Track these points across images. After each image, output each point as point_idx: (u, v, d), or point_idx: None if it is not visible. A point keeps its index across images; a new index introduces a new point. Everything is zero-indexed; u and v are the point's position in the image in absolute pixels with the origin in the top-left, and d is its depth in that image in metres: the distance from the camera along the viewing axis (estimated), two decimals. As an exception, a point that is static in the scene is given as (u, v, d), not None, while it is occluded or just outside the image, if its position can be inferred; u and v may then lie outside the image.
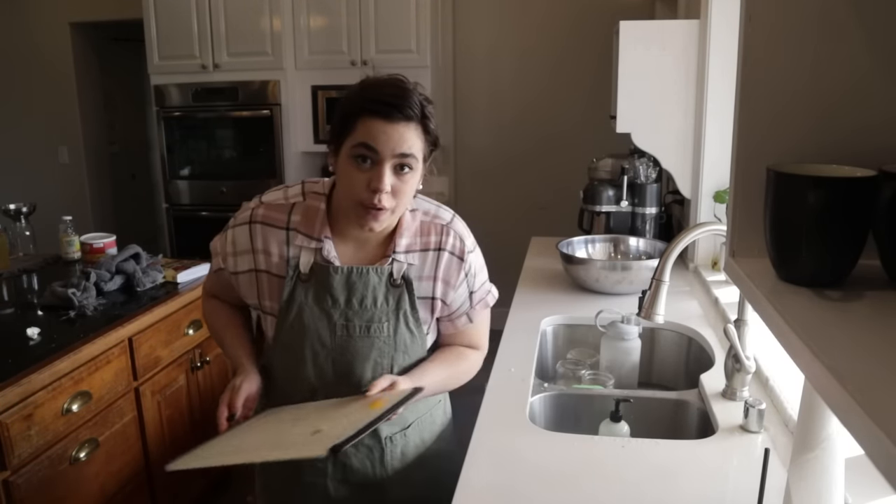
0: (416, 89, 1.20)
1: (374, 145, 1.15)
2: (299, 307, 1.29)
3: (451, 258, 1.31)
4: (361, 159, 1.17)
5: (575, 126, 4.25)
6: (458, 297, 1.35)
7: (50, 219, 3.15)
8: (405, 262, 1.29)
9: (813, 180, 0.72)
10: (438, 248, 1.30)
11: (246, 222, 1.31)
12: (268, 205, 1.31)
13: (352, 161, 1.17)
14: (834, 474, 0.92)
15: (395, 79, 1.20)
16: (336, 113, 1.22)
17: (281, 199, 1.31)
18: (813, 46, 0.80)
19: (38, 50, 4.88)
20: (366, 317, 1.28)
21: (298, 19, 3.93)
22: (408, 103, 1.16)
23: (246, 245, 1.30)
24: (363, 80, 1.21)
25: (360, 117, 1.16)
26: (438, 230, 1.31)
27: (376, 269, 1.28)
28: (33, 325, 2.00)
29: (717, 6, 2.29)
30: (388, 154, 1.16)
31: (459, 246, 1.32)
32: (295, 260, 1.28)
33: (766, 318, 0.72)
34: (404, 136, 1.16)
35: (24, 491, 1.73)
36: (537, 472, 1.29)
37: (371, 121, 1.15)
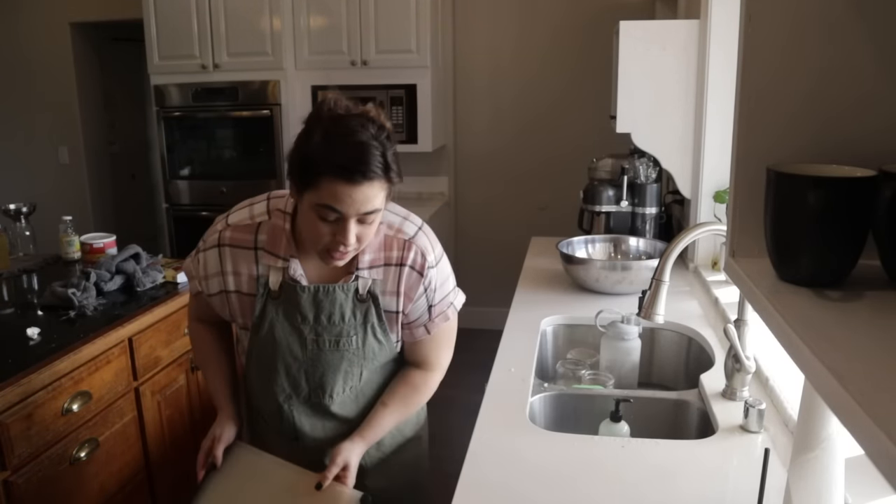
0: (378, 138, 1.17)
1: (338, 208, 1.16)
2: (271, 323, 1.34)
3: (412, 272, 1.32)
4: (324, 217, 1.18)
5: (575, 126, 4.25)
6: (416, 308, 1.36)
7: (50, 219, 3.15)
8: (369, 277, 1.31)
9: (813, 180, 0.72)
10: (400, 263, 1.32)
11: (215, 245, 1.33)
12: (234, 226, 1.32)
13: (315, 213, 1.18)
14: (834, 474, 0.92)
15: (355, 136, 1.15)
16: (295, 158, 1.19)
17: (247, 219, 1.32)
18: (813, 46, 0.80)
19: (38, 50, 4.88)
20: (335, 331, 1.33)
21: (298, 19, 3.93)
22: (370, 165, 1.14)
23: (216, 268, 1.33)
24: (325, 132, 1.16)
25: (323, 177, 1.14)
26: (401, 245, 1.32)
27: (342, 287, 1.30)
28: (33, 325, 2.00)
29: (717, 6, 2.29)
30: (353, 213, 1.17)
31: (420, 261, 1.32)
32: (264, 278, 1.31)
33: (766, 318, 0.72)
34: (368, 196, 1.16)
35: (24, 491, 1.73)
36: (537, 472, 1.29)
37: (334, 184, 1.14)
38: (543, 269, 2.58)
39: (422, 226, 1.37)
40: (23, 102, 4.99)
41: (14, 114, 5.02)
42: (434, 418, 1.68)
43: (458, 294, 1.44)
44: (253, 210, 1.33)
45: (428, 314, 1.37)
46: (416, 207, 4.10)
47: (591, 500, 1.21)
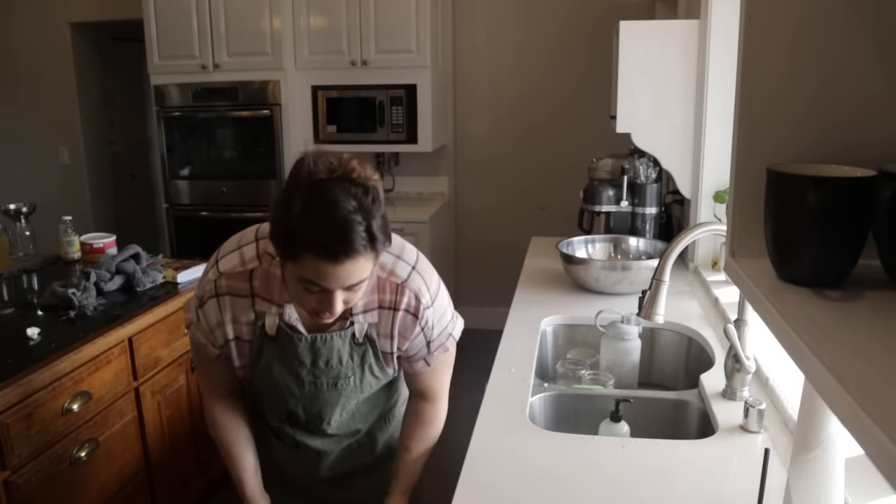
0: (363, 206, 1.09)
1: (321, 283, 1.12)
2: (268, 363, 1.32)
3: (406, 315, 1.29)
4: (308, 289, 1.14)
5: (575, 126, 4.25)
6: (414, 345, 1.34)
7: (50, 219, 3.15)
8: (365, 322, 1.29)
9: (813, 180, 0.72)
10: (393, 307, 1.28)
11: (212, 296, 1.27)
12: (228, 274, 1.26)
13: (300, 286, 1.15)
14: (834, 474, 0.92)
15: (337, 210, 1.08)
16: (275, 225, 1.13)
17: (238, 267, 1.26)
18: (813, 46, 0.80)
19: (38, 50, 4.88)
20: (332, 374, 1.32)
21: (298, 19, 3.93)
22: (353, 243, 1.08)
23: (217, 318, 1.28)
24: (304, 203, 1.09)
25: (304, 253, 1.09)
26: (393, 289, 1.28)
27: (339, 334, 1.29)
28: (33, 325, 2.00)
29: (717, 6, 2.29)
30: (337, 287, 1.13)
31: (414, 305, 1.29)
32: (261, 321, 1.28)
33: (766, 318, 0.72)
34: (352, 272, 1.11)
35: (25, 491, 1.73)
36: (537, 472, 1.29)
37: (316, 262, 1.09)
38: (543, 269, 2.58)
39: (416, 263, 1.32)
40: (23, 103, 4.98)
41: (14, 114, 5.02)
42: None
43: (456, 323, 1.41)
44: (244, 255, 1.27)
45: (426, 349, 1.35)
46: (416, 207, 4.11)
47: (591, 500, 1.21)
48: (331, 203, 1.08)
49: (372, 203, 1.11)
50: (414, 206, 4.19)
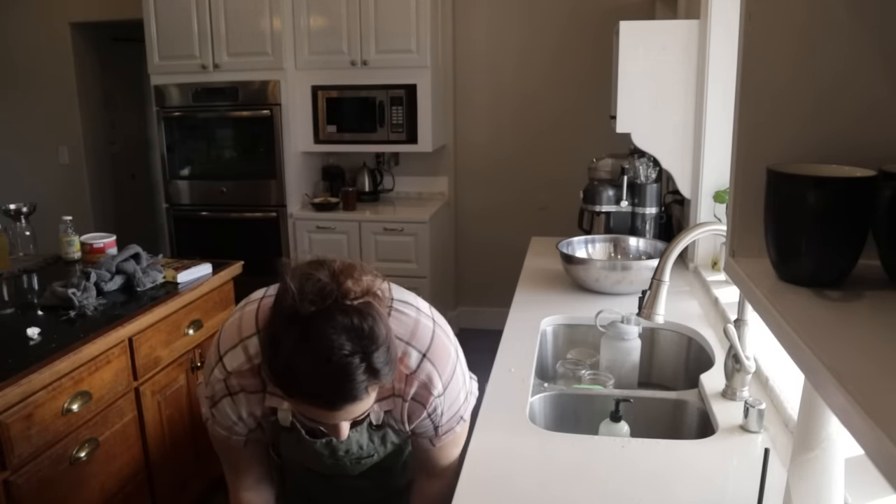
0: (360, 342, 0.99)
1: (322, 421, 1.08)
2: (289, 447, 1.35)
3: (414, 404, 1.23)
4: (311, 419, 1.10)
5: (575, 126, 4.25)
6: (421, 425, 1.27)
7: (50, 219, 3.15)
8: (381, 410, 1.24)
9: (813, 180, 0.72)
10: (401, 396, 1.22)
11: (225, 394, 1.20)
12: (237, 373, 1.18)
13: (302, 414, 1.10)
14: (834, 474, 0.92)
15: (331, 357, 0.97)
16: (269, 365, 1.05)
17: (246, 364, 1.17)
18: (813, 45, 0.80)
19: (38, 50, 4.88)
20: (353, 457, 1.34)
21: (298, 19, 3.93)
22: (353, 391, 1.00)
23: (236, 414, 1.22)
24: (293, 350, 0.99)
25: (299, 398, 1.03)
26: (402, 378, 1.20)
27: (356, 429, 1.27)
28: (33, 325, 2.00)
29: (717, 6, 2.29)
30: (339, 422, 1.08)
31: (423, 394, 1.21)
32: (274, 417, 1.25)
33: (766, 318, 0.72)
34: (353, 411, 1.05)
35: (24, 491, 1.73)
36: (537, 472, 1.29)
37: (313, 408, 1.04)
38: (543, 269, 2.58)
39: (428, 348, 1.21)
40: (23, 102, 4.98)
41: (14, 114, 5.02)
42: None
43: (470, 402, 1.33)
44: (248, 350, 1.17)
45: (434, 432, 1.29)
46: (416, 207, 4.12)
47: (590, 499, 1.21)
48: (324, 348, 0.97)
49: (371, 331, 1.00)
50: (414, 206, 4.19)
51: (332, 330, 0.97)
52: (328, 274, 1.01)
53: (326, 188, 4.38)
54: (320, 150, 4.23)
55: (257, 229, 4.06)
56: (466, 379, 1.32)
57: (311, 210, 4.08)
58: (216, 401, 1.21)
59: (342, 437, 1.11)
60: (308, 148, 4.13)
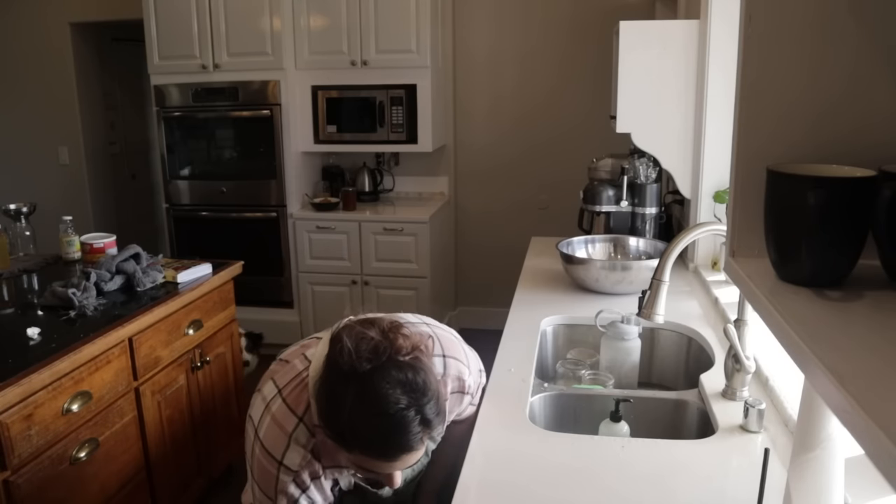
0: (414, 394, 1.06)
1: (379, 472, 1.13)
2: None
3: (454, 396, 1.37)
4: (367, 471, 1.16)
5: (575, 126, 4.25)
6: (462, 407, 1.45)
7: (50, 219, 3.15)
8: None
9: (813, 180, 0.72)
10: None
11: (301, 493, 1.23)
12: (301, 467, 1.22)
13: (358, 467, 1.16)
14: (834, 474, 0.92)
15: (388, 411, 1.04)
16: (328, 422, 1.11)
17: (305, 456, 1.22)
18: (813, 46, 0.80)
19: (38, 50, 4.88)
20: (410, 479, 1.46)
21: (298, 19, 3.93)
22: (409, 442, 1.07)
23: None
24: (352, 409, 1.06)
25: (359, 450, 1.09)
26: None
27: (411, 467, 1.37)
28: (33, 325, 2.00)
29: (717, 6, 2.29)
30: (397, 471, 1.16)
31: (458, 385, 1.37)
32: (337, 487, 1.30)
33: (766, 318, 0.72)
34: (409, 461, 1.12)
35: (25, 491, 1.73)
36: (537, 472, 1.29)
37: (372, 460, 1.10)
38: (543, 269, 2.58)
39: (443, 350, 1.35)
40: (23, 102, 4.98)
41: (14, 114, 5.02)
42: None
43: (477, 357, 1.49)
44: (300, 441, 1.22)
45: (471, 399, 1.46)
46: (416, 207, 4.12)
47: (590, 499, 1.21)
48: (382, 402, 1.04)
49: (423, 384, 1.08)
50: (414, 206, 4.19)
51: (387, 385, 1.04)
52: (379, 332, 1.09)
53: (326, 188, 4.38)
54: (320, 150, 4.24)
55: (257, 229, 4.06)
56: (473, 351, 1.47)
57: (311, 210, 4.08)
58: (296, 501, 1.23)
59: (396, 486, 1.18)
60: (308, 148, 4.13)
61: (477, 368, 1.47)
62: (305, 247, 4.03)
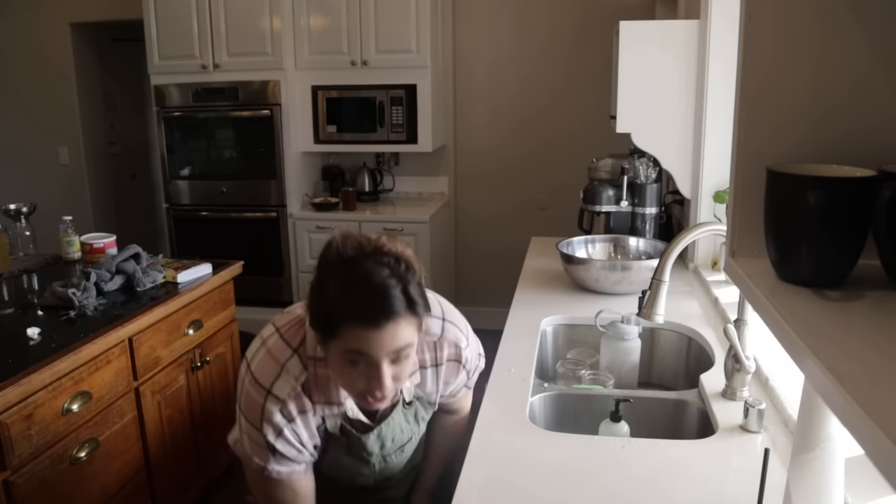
0: (397, 273, 1.11)
1: (365, 351, 1.12)
2: (335, 457, 1.37)
3: (450, 364, 1.37)
4: (354, 362, 1.14)
5: (575, 126, 4.25)
6: (456, 384, 1.43)
7: (50, 219, 3.15)
8: (412, 385, 1.36)
9: (813, 180, 0.72)
10: (436, 363, 1.35)
11: (286, 423, 1.24)
12: (287, 397, 1.23)
13: (345, 361, 1.15)
14: (834, 474, 0.92)
15: (371, 279, 1.10)
16: (313, 312, 1.16)
17: (296, 386, 1.24)
18: (813, 46, 0.80)
19: (38, 50, 4.88)
20: (397, 445, 1.41)
21: (298, 19, 3.93)
22: (391, 306, 1.09)
23: (297, 441, 1.27)
24: (338, 282, 1.11)
25: (345, 325, 1.11)
26: (432, 347, 1.34)
27: (397, 409, 1.36)
28: (33, 325, 2.00)
29: (717, 6, 2.29)
30: (382, 355, 1.12)
31: (455, 352, 1.37)
32: (322, 425, 1.31)
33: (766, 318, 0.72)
34: (395, 335, 1.11)
35: (25, 491, 1.73)
36: (537, 472, 1.29)
37: (357, 331, 1.10)
38: (543, 269, 2.58)
39: (443, 313, 1.36)
40: (23, 102, 4.99)
41: (14, 114, 5.02)
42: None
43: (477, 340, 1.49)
44: (291, 372, 1.24)
45: (466, 377, 1.45)
46: (416, 207, 4.12)
47: (590, 499, 1.21)
48: (365, 275, 1.10)
49: (406, 270, 1.12)
50: (414, 206, 4.19)
51: (372, 264, 1.11)
52: (366, 237, 1.16)
53: (326, 188, 4.38)
54: (320, 150, 4.24)
55: (257, 229, 4.06)
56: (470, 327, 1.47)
57: (311, 210, 4.08)
58: (279, 434, 1.25)
59: (385, 386, 1.13)
60: (308, 148, 4.13)
61: (476, 351, 1.45)
62: (305, 247, 4.03)
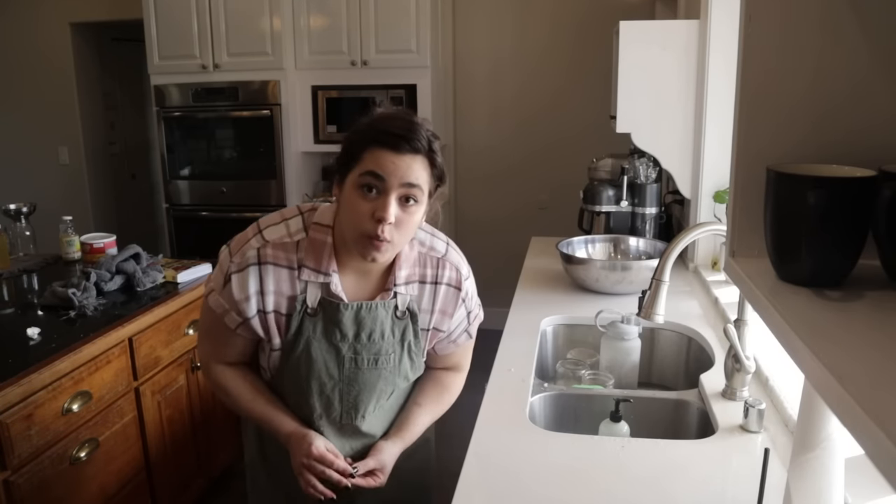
0: (424, 124, 1.21)
1: (381, 173, 1.15)
2: (307, 341, 1.28)
3: (449, 289, 1.34)
4: (367, 188, 1.16)
5: (575, 126, 4.25)
6: (455, 320, 1.37)
7: (50, 219, 3.15)
8: (407, 293, 1.31)
9: (813, 180, 0.72)
10: (435, 281, 1.33)
11: (254, 263, 1.24)
12: (274, 244, 1.25)
13: (358, 190, 1.17)
14: (834, 474, 0.92)
15: (403, 112, 1.22)
16: (343, 143, 1.22)
17: (286, 237, 1.26)
18: (813, 46, 0.80)
19: (38, 50, 4.88)
20: (374, 349, 1.31)
21: (298, 19, 3.93)
22: (416, 136, 1.17)
23: (255, 287, 1.25)
24: (373, 115, 1.21)
25: (368, 148, 1.16)
26: (434, 263, 1.33)
27: (384, 304, 1.29)
28: (33, 325, 2.00)
29: (717, 6, 2.29)
30: (395, 183, 1.16)
31: (456, 277, 1.34)
32: (303, 295, 1.26)
33: (766, 318, 0.72)
34: (411, 167, 1.17)
35: (25, 491, 1.73)
36: (537, 472, 1.29)
37: (379, 151, 1.16)
38: (543, 269, 2.58)
39: (448, 241, 1.39)
40: (23, 102, 4.98)
41: (14, 114, 5.02)
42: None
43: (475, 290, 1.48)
44: (290, 226, 1.28)
45: (467, 320, 1.39)
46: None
47: (591, 499, 1.21)
48: (398, 113, 1.22)
49: (433, 134, 1.21)
50: (414, 206, 4.18)
51: (406, 113, 1.22)
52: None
53: (326, 188, 4.38)
54: (320, 150, 4.23)
55: (257, 229, 4.06)
56: None
57: (311, 210, 4.07)
58: (241, 268, 1.24)
59: (388, 213, 1.16)
60: (308, 148, 4.12)
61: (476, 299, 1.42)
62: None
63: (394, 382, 1.35)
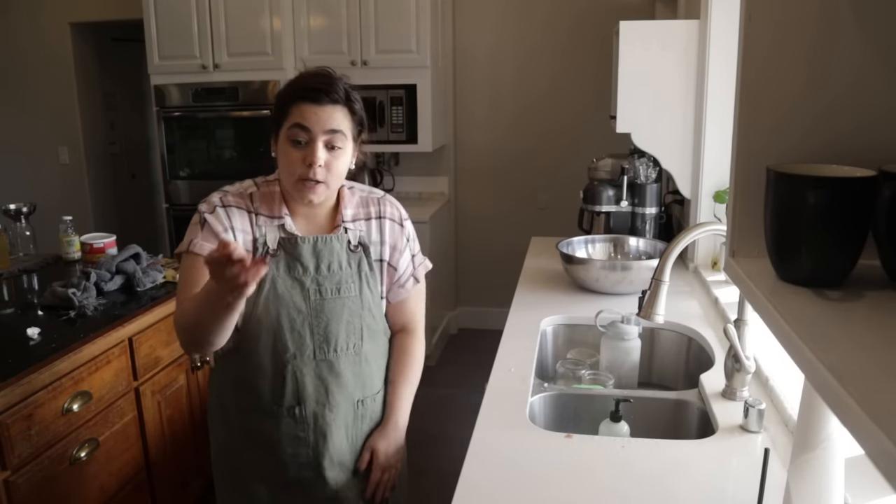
0: (342, 79, 1.40)
1: (306, 124, 1.33)
2: (272, 279, 1.40)
3: (393, 224, 1.50)
4: (296, 142, 1.34)
5: (575, 126, 4.25)
6: (403, 260, 1.51)
7: (50, 219, 3.15)
8: (356, 229, 1.46)
9: (813, 180, 0.72)
10: (380, 216, 1.49)
11: (219, 206, 1.41)
12: (233, 193, 1.44)
13: (289, 143, 1.35)
14: (834, 474, 0.92)
15: (322, 69, 1.40)
16: (274, 103, 1.41)
17: (240, 189, 1.45)
18: (813, 46, 0.80)
19: (38, 50, 4.88)
20: (334, 280, 1.43)
21: (298, 19, 3.93)
22: (333, 88, 1.36)
23: (227, 224, 1.39)
24: (295, 76, 1.40)
25: (293, 103, 1.34)
26: (376, 202, 1.51)
27: (338, 237, 1.44)
28: (33, 325, 2.00)
29: (717, 6, 2.29)
30: (319, 131, 1.34)
31: (398, 214, 1.52)
32: (262, 238, 1.41)
33: (766, 318, 0.72)
34: (332, 116, 1.35)
35: (25, 491, 1.73)
36: (537, 472, 1.29)
37: (302, 105, 1.34)
38: (543, 269, 2.58)
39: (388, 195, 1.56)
40: (23, 102, 4.98)
41: (14, 114, 5.02)
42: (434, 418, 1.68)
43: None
44: (243, 184, 1.47)
45: (412, 264, 1.53)
46: (417, 207, 4.11)
47: (590, 500, 1.21)
48: (316, 69, 1.40)
49: (350, 86, 1.40)
50: (414, 206, 4.18)
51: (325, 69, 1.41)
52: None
53: (326, 188, 4.37)
54: (320, 150, 4.23)
55: (257, 229, 4.06)
56: None
57: (311, 210, 4.07)
58: (212, 209, 1.41)
59: (317, 156, 1.33)
60: (308, 148, 4.12)
61: (419, 248, 1.57)
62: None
63: (359, 314, 1.45)
